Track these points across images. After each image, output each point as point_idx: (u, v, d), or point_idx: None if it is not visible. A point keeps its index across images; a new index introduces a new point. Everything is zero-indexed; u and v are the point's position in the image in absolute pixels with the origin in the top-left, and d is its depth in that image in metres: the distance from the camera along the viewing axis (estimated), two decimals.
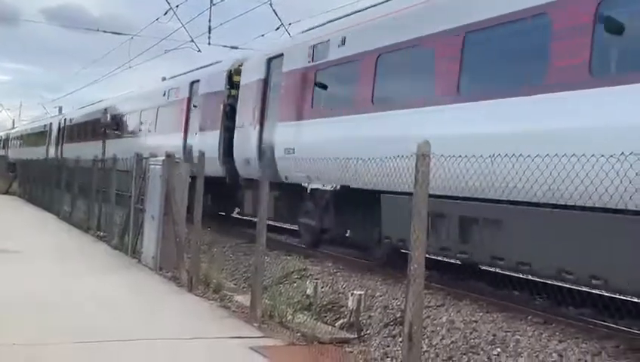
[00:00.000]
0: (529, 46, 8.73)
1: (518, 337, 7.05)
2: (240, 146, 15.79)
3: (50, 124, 40.85)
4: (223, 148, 16.71)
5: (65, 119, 37.22)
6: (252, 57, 16.84)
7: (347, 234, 12.66)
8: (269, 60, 15.30)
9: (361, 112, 11.60)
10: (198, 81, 19.50)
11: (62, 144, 36.30)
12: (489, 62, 9.50)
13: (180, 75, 22.44)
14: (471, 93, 9.48)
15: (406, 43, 10.77)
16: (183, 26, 26.18)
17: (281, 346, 6.83)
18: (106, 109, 28.67)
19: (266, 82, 15.19)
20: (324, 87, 13.11)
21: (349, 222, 12.28)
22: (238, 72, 17.13)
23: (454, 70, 9.66)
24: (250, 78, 16.07)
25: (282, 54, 14.81)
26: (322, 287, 9.40)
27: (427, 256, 5.56)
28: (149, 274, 10.88)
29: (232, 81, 17.17)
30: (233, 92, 17.07)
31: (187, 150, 18.40)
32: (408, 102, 10.58)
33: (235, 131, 16.23)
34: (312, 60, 13.44)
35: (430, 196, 5.47)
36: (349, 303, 8.05)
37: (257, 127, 15.00)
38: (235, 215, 19.41)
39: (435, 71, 10.15)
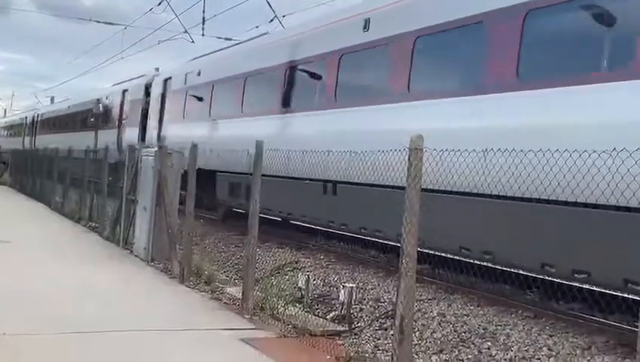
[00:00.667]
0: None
1: (509, 331, 7.08)
2: (148, 139, 21.42)
3: (26, 117, 47.27)
4: (140, 141, 21.73)
5: (37, 114, 43.77)
6: (158, 76, 22.95)
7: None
8: (165, 80, 21.69)
9: (205, 120, 17.93)
10: (127, 90, 25.91)
11: (34, 135, 41.94)
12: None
13: (118, 83, 28.83)
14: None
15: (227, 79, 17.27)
16: (176, 16, 26.14)
17: (273, 338, 6.84)
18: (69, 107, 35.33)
19: (163, 95, 21.63)
20: (190, 102, 19.26)
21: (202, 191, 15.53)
22: (150, 85, 23.26)
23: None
24: (155, 91, 22.52)
25: (171, 77, 21.32)
26: (314, 280, 9.39)
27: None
28: (141, 265, 10.87)
29: (148, 91, 23.29)
30: (148, 99, 23.15)
31: (119, 142, 24.29)
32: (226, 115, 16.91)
33: (147, 128, 22.57)
34: (185, 84, 19.96)
35: None
36: (341, 296, 8.05)
37: (157, 126, 21.48)
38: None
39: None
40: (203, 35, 25.30)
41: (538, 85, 8.05)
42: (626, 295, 8.19)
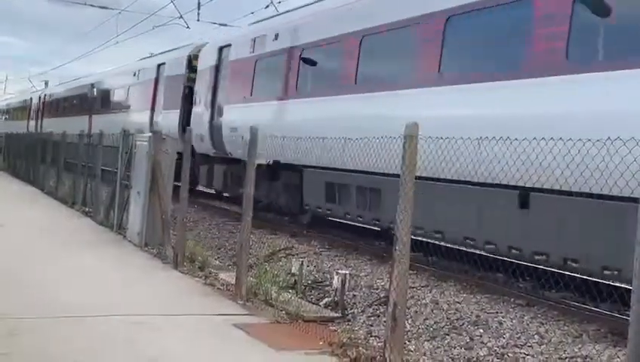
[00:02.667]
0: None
1: (501, 318, 7.11)
2: (195, 124, 16.94)
3: (30, 98, 43.52)
4: (181, 126, 18.35)
5: (43, 95, 40.07)
6: (208, 45, 18.72)
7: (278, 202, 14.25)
8: (221, 49, 17.21)
9: (288, 98, 13.70)
10: (163, 63, 21.44)
11: (41, 119, 38.49)
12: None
13: (148, 57, 24.73)
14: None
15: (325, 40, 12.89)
16: (171, 1, 25.96)
17: (265, 324, 6.85)
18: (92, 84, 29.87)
19: (217, 68, 17.07)
20: (261, 75, 15.01)
21: (279, 191, 13.91)
22: (196, 57, 18.86)
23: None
24: (205, 64, 17.91)
25: (230, 44, 16.78)
26: (307, 266, 9.41)
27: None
28: (134, 250, 10.86)
29: (192, 65, 18.97)
30: (192, 75, 18.88)
31: (153, 126, 19.91)
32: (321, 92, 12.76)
33: (192, 111, 18.22)
34: (253, 52, 15.48)
35: None
36: (334, 282, 8.07)
37: (209, 108, 17.05)
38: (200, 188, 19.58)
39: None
40: (198, 20, 25.16)
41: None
42: (618, 284, 8.24)
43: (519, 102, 8.40)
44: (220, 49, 17.40)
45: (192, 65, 19.00)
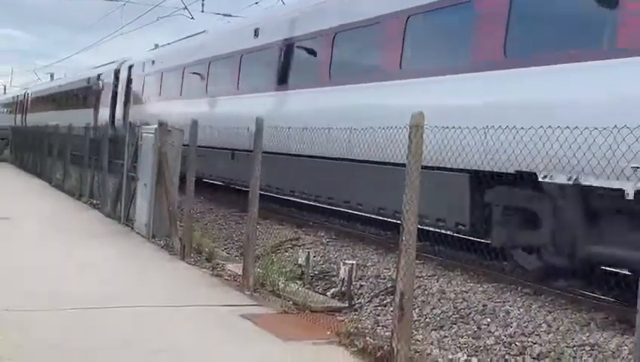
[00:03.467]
0: None
1: (508, 307, 7.11)
2: (117, 119, 24.94)
3: (18, 95, 51.20)
4: (110, 119, 25.60)
5: (27, 93, 47.60)
6: (124, 63, 26.16)
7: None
8: (130, 67, 25.04)
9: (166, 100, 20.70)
10: (101, 73, 29.11)
11: (25, 113, 45.39)
12: None
13: (95, 67, 32.68)
14: None
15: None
16: None
17: (273, 314, 6.87)
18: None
19: (129, 80, 24.90)
20: (148, 86, 22.82)
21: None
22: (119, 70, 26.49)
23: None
24: (122, 76, 25.73)
25: (133, 65, 24.79)
26: (314, 257, 9.43)
27: None
28: (142, 241, 10.89)
29: (117, 76, 26.31)
30: (117, 83, 26.29)
31: (95, 120, 27.10)
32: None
33: (116, 109, 25.95)
34: (143, 71, 23.58)
35: None
36: (341, 272, 8.08)
37: (122, 107, 24.99)
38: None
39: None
40: (203, 11, 25.13)
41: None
42: (625, 272, 8.22)
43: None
44: (129, 67, 25.11)
45: (117, 76, 26.32)
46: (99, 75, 29.19)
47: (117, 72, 26.40)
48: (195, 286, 7.96)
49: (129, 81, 24.96)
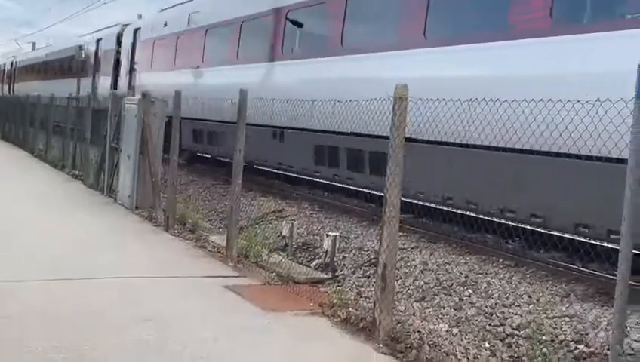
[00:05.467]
0: None
1: (490, 279, 7.17)
2: (121, 89, 21.61)
3: (4, 63, 49.41)
4: (112, 88, 22.76)
5: (15, 61, 46.45)
6: (129, 26, 23.80)
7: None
8: (136, 30, 22.72)
9: (173, 70, 18.99)
10: (101, 39, 26.58)
11: (13, 82, 43.95)
12: None
13: (90, 33, 29.65)
14: None
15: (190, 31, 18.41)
16: None
17: (256, 285, 6.90)
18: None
19: (133, 45, 22.53)
20: (159, 52, 20.49)
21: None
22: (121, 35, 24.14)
23: None
24: (126, 41, 23.34)
25: (140, 27, 22.51)
26: (298, 228, 9.45)
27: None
28: (125, 213, 10.86)
29: (120, 41, 24.05)
30: (119, 49, 24.01)
31: (93, 90, 24.36)
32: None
33: (118, 77, 23.56)
34: (152, 34, 21.28)
35: None
36: (324, 244, 8.11)
37: (127, 76, 22.65)
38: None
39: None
40: None
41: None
42: (605, 244, 8.31)
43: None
44: (135, 30, 22.72)
45: (119, 41, 24.01)
46: (98, 41, 26.56)
47: (119, 37, 23.89)
48: (178, 258, 7.97)
49: (134, 46, 22.32)
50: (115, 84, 23.26)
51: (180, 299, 6.17)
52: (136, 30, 22.46)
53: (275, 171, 14.77)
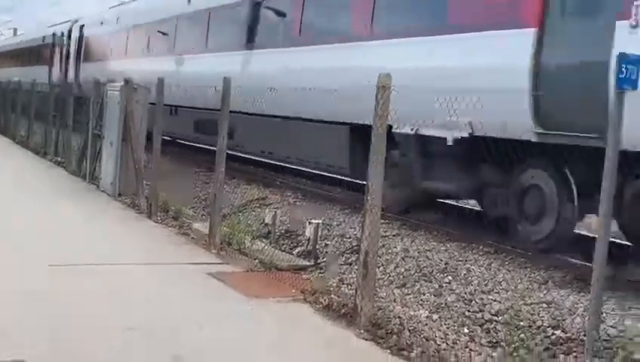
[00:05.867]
0: None
1: (470, 266, 7.27)
2: (69, 77, 25.65)
3: None
4: (63, 77, 26.41)
5: None
6: (77, 22, 27.34)
7: None
8: (82, 27, 26.35)
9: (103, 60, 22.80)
10: (55, 33, 29.72)
11: None
12: None
13: (52, 25, 33.14)
14: None
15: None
16: None
17: (239, 272, 6.95)
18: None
19: (80, 38, 26.07)
20: (94, 45, 24.55)
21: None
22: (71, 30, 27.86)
23: None
24: (74, 35, 26.92)
25: (84, 25, 26.25)
26: (281, 216, 9.50)
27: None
28: (108, 200, 10.85)
29: (70, 35, 27.51)
30: (69, 42, 27.47)
31: (49, 77, 27.76)
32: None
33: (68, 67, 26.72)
34: (94, 30, 24.80)
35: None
36: (307, 232, 8.17)
37: (74, 66, 26.00)
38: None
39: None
40: None
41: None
42: (584, 233, 8.45)
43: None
44: (81, 27, 26.32)
45: (70, 36, 27.35)
46: (53, 34, 30.17)
47: (69, 32, 27.49)
48: (161, 245, 8.00)
49: (80, 40, 25.98)
50: (65, 73, 26.81)
51: (164, 286, 6.21)
52: (82, 26, 26.42)
53: (259, 160, 15.01)
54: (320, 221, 8.55)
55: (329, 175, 12.77)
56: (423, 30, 9.34)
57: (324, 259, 7.99)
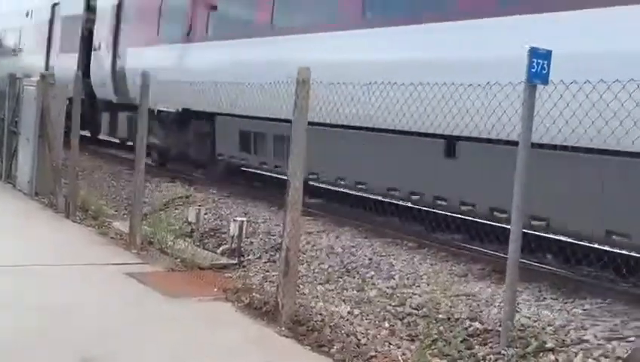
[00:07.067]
0: None
1: (392, 261, 7.33)
2: (96, 69, 16.96)
3: None
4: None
5: None
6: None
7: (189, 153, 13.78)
8: (54, 5, 19.00)
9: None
10: (58, 3, 19.80)
11: None
12: None
13: None
14: None
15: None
16: None
17: (160, 272, 6.80)
18: None
19: (119, 7, 16.11)
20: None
21: (190, 141, 13.52)
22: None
23: None
24: (106, 2, 16.78)
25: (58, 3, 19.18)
26: (205, 214, 9.35)
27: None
28: (25, 199, 10.48)
29: (90, 4, 17.55)
30: (92, 16, 17.43)
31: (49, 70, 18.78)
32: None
33: (92, 54, 17.25)
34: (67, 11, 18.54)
35: None
36: (231, 229, 8.06)
37: (111, 52, 16.22)
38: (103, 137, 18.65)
39: None
40: None
41: None
42: (504, 226, 8.64)
43: None
44: (54, 5, 18.36)
45: (90, 5, 17.74)
46: (54, 6, 21.07)
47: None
48: (79, 245, 7.75)
49: (51, 23, 20.02)
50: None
51: (80, 288, 6.01)
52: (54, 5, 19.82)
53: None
54: (244, 219, 8.45)
55: (254, 171, 12.66)
56: None
57: (249, 257, 7.91)
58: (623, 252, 7.34)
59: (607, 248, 7.42)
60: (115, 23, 16.10)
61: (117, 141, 18.05)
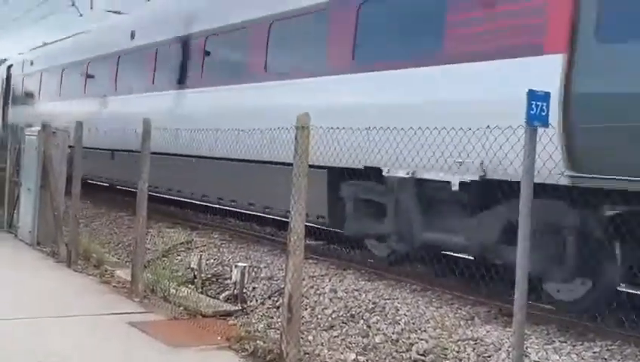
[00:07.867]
0: None
1: (397, 305, 7.23)
2: None
3: None
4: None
5: None
6: (4, 63, 27.63)
7: None
8: (9, 67, 26.41)
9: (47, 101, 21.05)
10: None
11: None
12: None
13: None
14: None
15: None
16: None
17: (162, 321, 6.72)
18: None
19: (8, 80, 25.87)
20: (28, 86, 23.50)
21: None
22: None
23: None
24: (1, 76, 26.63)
25: (13, 65, 26.22)
26: (207, 260, 9.30)
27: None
28: (26, 249, 10.44)
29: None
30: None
31: None
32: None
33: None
34: (22, 71, 24.38)
35: None
36: (233, 275, 8.01)
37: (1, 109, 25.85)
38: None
39: None
40: (92, 8, 24.32)
41: None
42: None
43: None
44: (9, 67, 26.28)
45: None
46: None
47: None
48: (81, 295, 7.68)
49: (8, 81, 25.78)
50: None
51: (82, 338, 5.93)
52: (9, 67, 26.37)
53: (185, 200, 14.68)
54: (247, 264, 8.40)
55: (256, 214, 12.62)
56: None
57: (252, 303, 7.83)
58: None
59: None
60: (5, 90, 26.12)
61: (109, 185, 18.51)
